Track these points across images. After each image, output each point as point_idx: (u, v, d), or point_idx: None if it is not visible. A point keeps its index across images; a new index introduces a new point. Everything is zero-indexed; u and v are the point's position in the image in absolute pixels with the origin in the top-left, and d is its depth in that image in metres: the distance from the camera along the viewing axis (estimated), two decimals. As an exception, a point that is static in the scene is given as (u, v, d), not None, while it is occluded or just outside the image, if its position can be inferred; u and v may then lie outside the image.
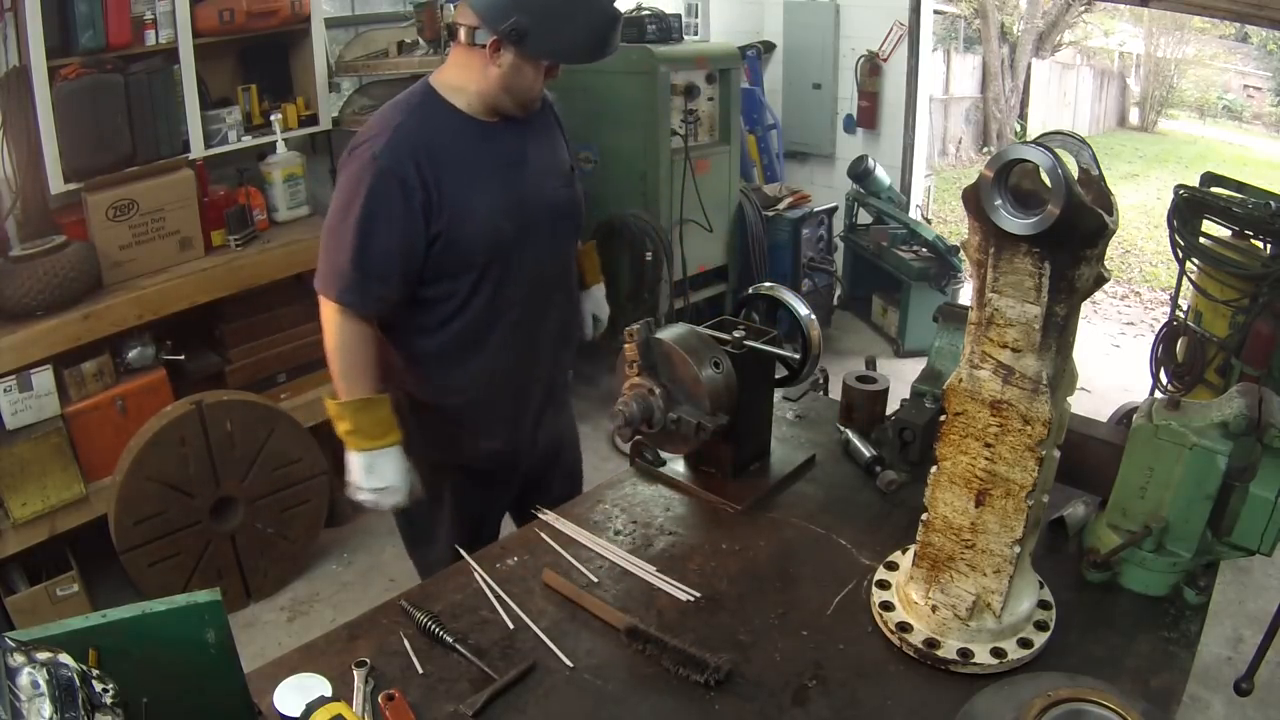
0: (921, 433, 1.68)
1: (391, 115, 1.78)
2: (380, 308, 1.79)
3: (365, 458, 1.82)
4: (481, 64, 1.73)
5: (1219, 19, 11.42)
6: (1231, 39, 17.33)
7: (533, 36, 1.67)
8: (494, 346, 1.88)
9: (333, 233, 1.75)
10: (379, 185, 1.69)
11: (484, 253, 1.79)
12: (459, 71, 1.79)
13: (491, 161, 1.81)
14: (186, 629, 0.96)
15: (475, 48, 1.72)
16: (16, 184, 2.90)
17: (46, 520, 2.84)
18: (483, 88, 1.76)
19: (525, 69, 1.73)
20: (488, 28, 1.68)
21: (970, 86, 13.60)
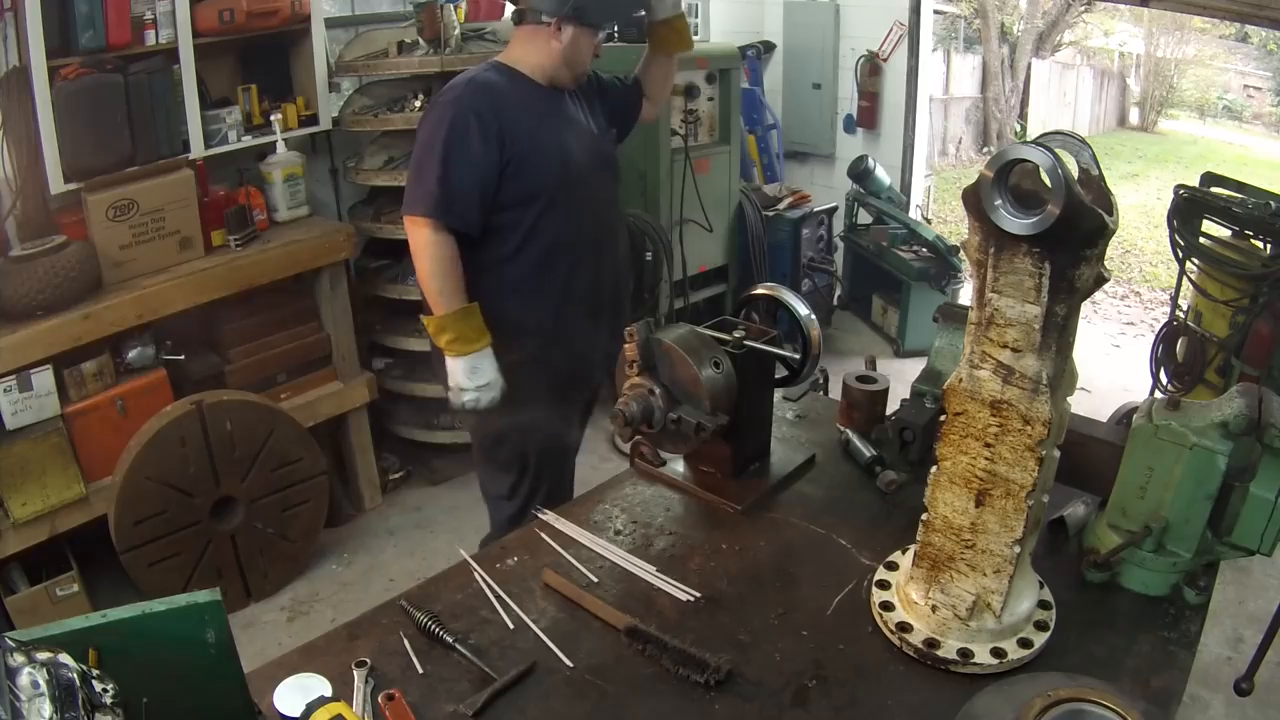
0: (921, 433, 1.68)
1: (466, 75, 2.14)
2: (464, 224, 2.06)
3: (468, 360, 2.07)
4: (545, 41, 2.10)
5: (1219, 19, 11.42)
6: (1231, 39, 17.32)
7: (589, 9, 2.08)
8: (564, 271, 2.20)
9: (420, 164, 2.05)
10: (459, 119, 2.02)
11: (546, 183, 2.12)
12: (524, 48, 2.15)
13: (549, 111, 2.17)
14: (186, 629, 0.96)
15: (541, 27, 2.09)
16: (16, 184, 2.90)
17: (46, 520, 2.84)
18: (545, 62, 2.13)
19: (582, 42, 2.12)
20: (549, 10, 2.06)
21: (970, 86, 13.60)
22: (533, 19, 2.10)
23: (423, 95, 3.66)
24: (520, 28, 2.16)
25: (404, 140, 3.76)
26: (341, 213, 4.00)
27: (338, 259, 3.48)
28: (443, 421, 3.98)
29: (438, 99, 2.10)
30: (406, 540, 3.61)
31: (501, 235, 2.13)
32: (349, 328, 3.60)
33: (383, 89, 3.78)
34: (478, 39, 3.73)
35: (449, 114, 2.03)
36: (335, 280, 3.51)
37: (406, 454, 4.08)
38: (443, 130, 2.02)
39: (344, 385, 3.60)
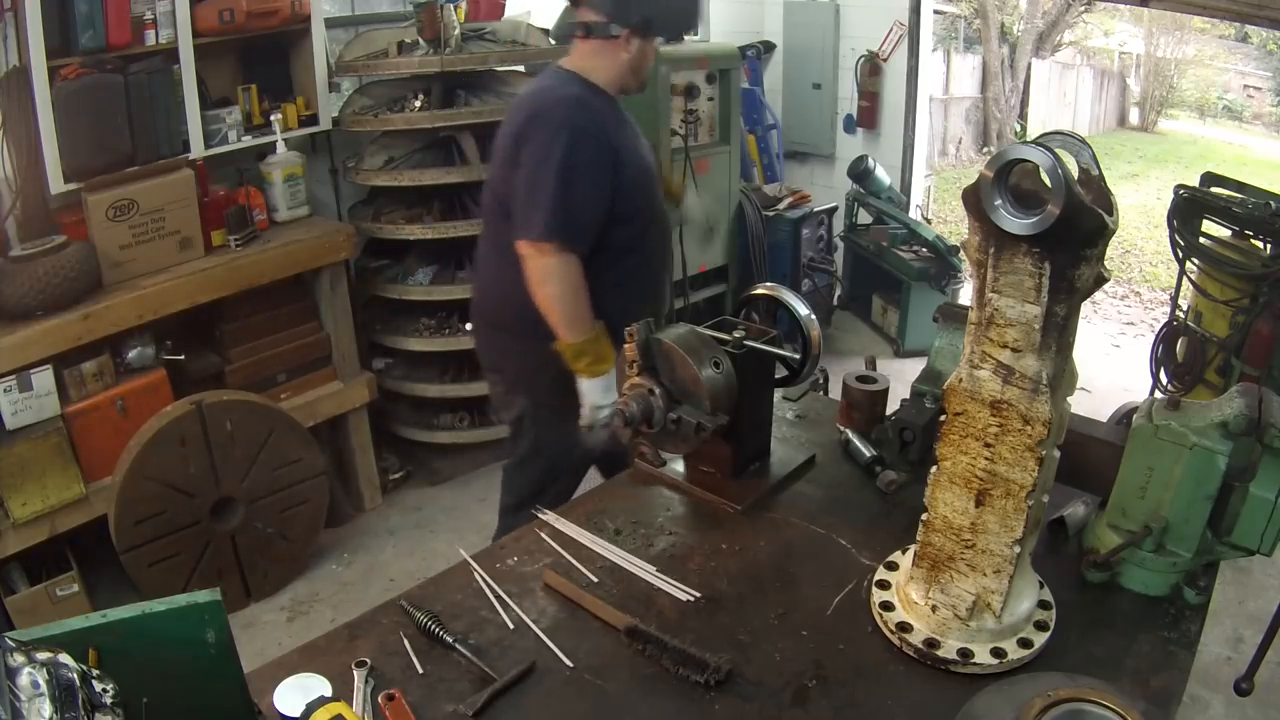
0: (921, 433, 1.68)
1: (556, 91, 2.19)
2: (584, 246, 2.11)
3: (603, 380, 2.13)
4: (615, 53, 2.18)
5: (1219, 19, 11.42)
6: (1231, 39, 17.32)
7: (656, 22, 2.19)
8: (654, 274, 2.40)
9: (537, 185, 2.06)
10: (575, 139, 2.07)
11: (642, 200, 2.24)
12: (591, 59, 2.21)
13: (625, 122, 2.27)
14: (186, 629, 0.95)
15: (608, 40, 2.17)
16: (16, 184, 2.90)
17: (46, 520, 2.84)
18: (615, 72, 2.21)
19: (648, 51, 2.23)
20: (619, 23, 2.15)
21: (970, 86, 13.59)
22: (601, 32, 2.17)
23: (423, 95, 3.66)
24: (586, 41, 2.21)
25: (404, 140, 3.76)
26: (341, 213, 4.00)
27: (338, 259, 3.48)
28: (443, 421, 3.98)
29: (542, 116, 2.11)
30: (406, 540, 3.61)
31: (610, 251, 2.17)
32: (349, 328, 3.60)
33: (383, 89, 3.78)
34: (478, 39, 3.74)
35: (564, 135, 2.05)
36: (335, 280, 3.51)
37: (406, 454, 4.08)
38: (559, 150, 2.04)
39: (344, 385, 3.61)
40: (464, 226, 3.65)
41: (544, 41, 3.92)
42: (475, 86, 3.80)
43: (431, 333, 3.80)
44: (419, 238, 3.66)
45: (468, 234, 3.67)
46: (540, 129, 2.08)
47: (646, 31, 2.18)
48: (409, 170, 3.62)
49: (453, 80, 3.70)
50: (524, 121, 2.13)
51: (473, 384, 3.87)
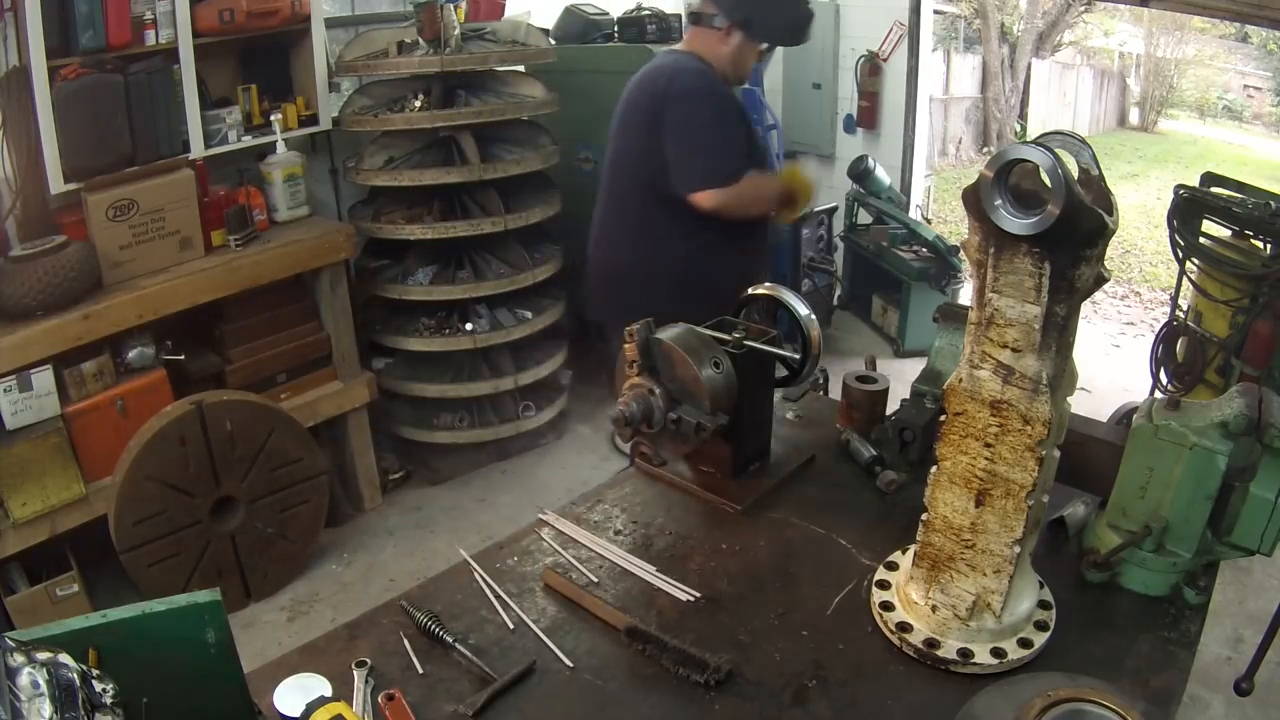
0: (921, 433, 1.67)
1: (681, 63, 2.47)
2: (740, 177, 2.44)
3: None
4: (717, 42, 2.44)
5: (1219, 19, 11.41)
6: (1231, 39, 17.32)
7: (755, 25, 2.40)
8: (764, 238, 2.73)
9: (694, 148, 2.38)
10: (724, 100, 2.42)
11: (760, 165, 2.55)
12: (701, 44, 2.48)
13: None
14: (186, 629, 0.95)
15: (713, 30, 2.43)
16: (16, 184, 2.90)
17: (46, 520, 2.84)
18: (718, 60, 2.44)
19: (747, 50, 2.45)
20: (724, 15, 2.40)
21: (970, 86, 13.59)
22: (706, 22, 2.45)
23: (423, 95, 3.66)
24: (695, 29, 2.50)
25: (404, 140, 3.77)
26: (341, 213, 4.00)
27: (338, 259, 3.48)
28: (443, 421, 3.99)
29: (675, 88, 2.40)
30: (406, 540, 3.61)
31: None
32: (349, 328, 3.60)
33: (383, 89, 3.78)
34: (478, 39, 3.74)
35: (700, 98, 2.38)
36: (335, 280, 3.51)
37: (406, 454, 4.08)
38: (702, 111, 2.38)
39: (344, 385, 3.61)
40: (464, 226, 3.66)
41: (544, 41, 3.92)
42: (475, 86, 3.81)
43: (431, 333, 3.80)
44: (419, 238, 3.66)
45: (467, 234, 3.67)
46: (677, 101, 2.37)
47: (746, 30, 2.41)
48: (409, 170, 3.62)
49: (453, 80, 3.70)
50: (659, 95, 2.41)
51: (473, 384, 3.88)
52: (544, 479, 4.02)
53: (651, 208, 2.50)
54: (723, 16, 2.41)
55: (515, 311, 3.97)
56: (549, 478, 4.03)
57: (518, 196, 3.87)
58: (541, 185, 4.02)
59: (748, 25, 2.40)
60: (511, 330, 3.87)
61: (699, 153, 2.39)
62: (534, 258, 3.94)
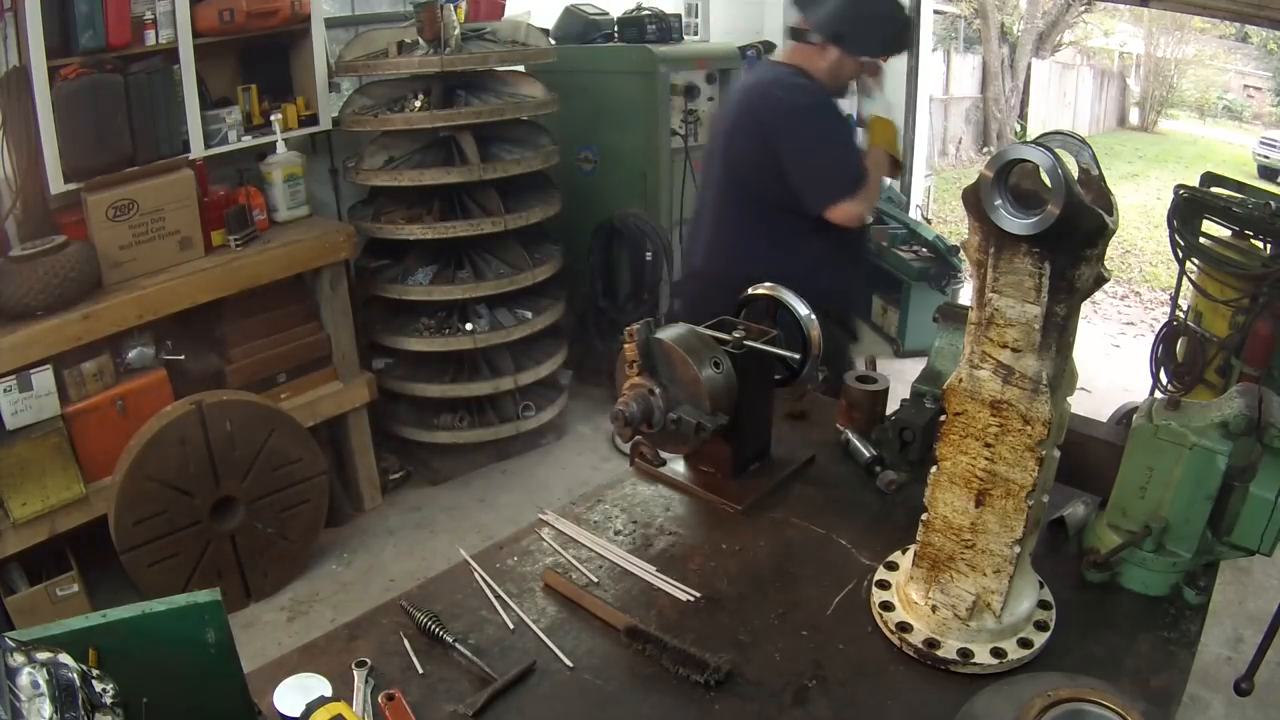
0: (921, 433, 1.67)
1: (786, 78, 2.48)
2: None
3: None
4: (815, 56, 2.45)
5: (1219, 19, 11.41)
6: (1231, 39, 17.33)
7: (850, 39, 2.41)
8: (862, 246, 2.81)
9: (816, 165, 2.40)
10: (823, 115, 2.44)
11: None
12: (800, 59, 2.49)
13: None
14: (186, 629, 0.95)
15: (810, 45, 2.45)
16: (16, 184, 2.90)
17: (46, 520, 2.84)
18: (816, 73, 2.45)
19: (845, 63, 2.46)
20: (818, 31, 2.42)
21: (970, 86, 13.60)
22: (803, 38, 2.48)
23: (423, 95, 3.67)
24: (794, 44, 2.53)
25: (404, 140, 3.77)
26: (341, 213, 4.00)
27: (338, 259, 3.48)
28: (443, 422, 3.99)
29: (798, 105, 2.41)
30: (406, 540, 3.61)
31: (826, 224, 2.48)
32: (349, 328, 3.60)
33: (383, 89, 3.78)
34: (478, 39, 3.74)
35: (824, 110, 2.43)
36: (335, 280, 3.51)
37: (406, 454, 4.08)
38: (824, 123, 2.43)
39: (344, 385, 3.61)
40: (464, 226, 3.66)
41: (544, 41, 3.92)
42: (475, 86, 3.81)
43: (431, 333, 3.80)
44: (419, 238, 3.66)
45: (467, 234, 3.67)
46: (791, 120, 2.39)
47: (840, 45, 2.41)
48: (409, 170, 3.62)
49: (453, 80, 3.70)
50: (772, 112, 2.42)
51: (473, 384, 3.88)
52: (544, 479, 4.03)
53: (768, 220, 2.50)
54: (816, 32, 2.44)
55: (515, 311, 3.97)
56: (549, 478, 4.03)
57: (518, 196, 3.87)
58: (541, 185, 4.02)
59: (842, 40, 2.41)
60: (511, 330, 3.87)
61: (826, 169, 2.41)
62: (534, 258, 3.94)
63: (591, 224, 4.45)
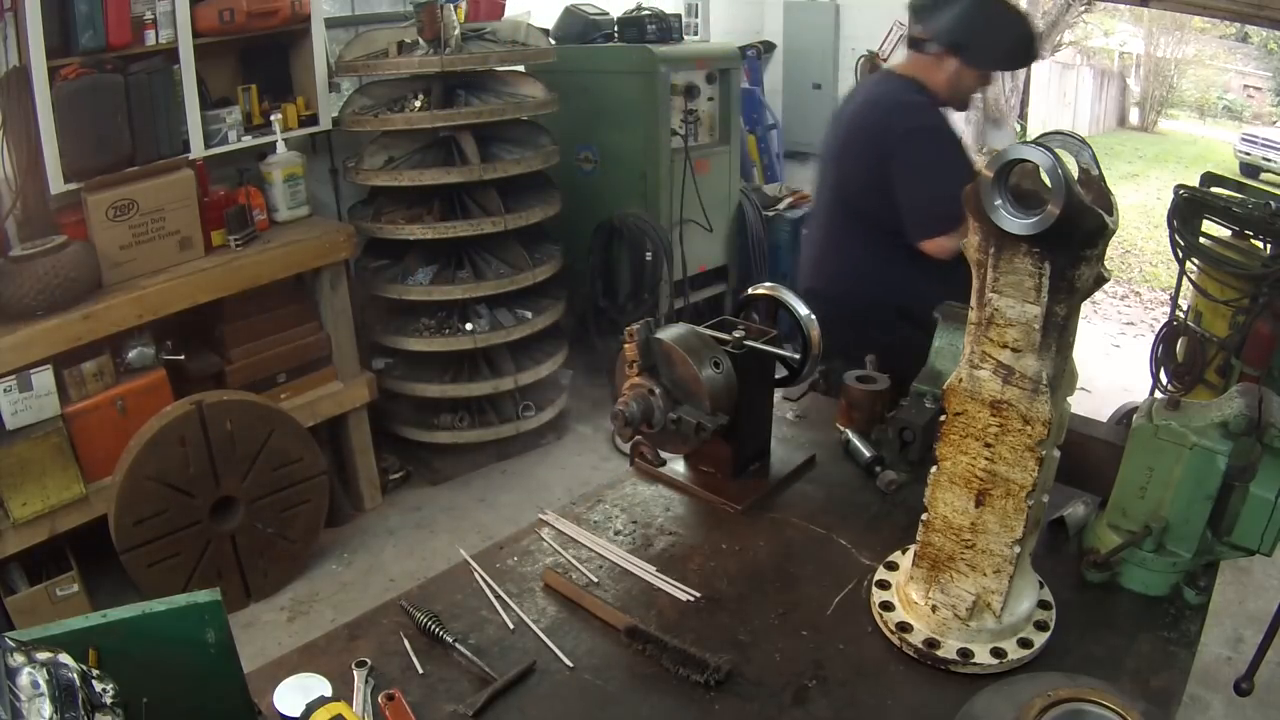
0: (921, 433, 1.67)
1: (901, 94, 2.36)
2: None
3: None
4: (933, 68, 2.33)
5: (1219, 19, 11.41)
6: (1231, 39, 17.33)
7: (970, 51, 2.28)
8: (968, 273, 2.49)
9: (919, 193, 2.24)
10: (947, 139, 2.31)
11: None
12: (918, 70, 2.37)
13: None
14: (186, 629, 0.95)
15: (929, 55, 2.33)
16: (16, 184, 2.90)
17: (46, 520, 2.84)
18: (934, 86, 2.34)
19: (965, 75, 2.33)
20: (937, 42, 2.29)
21: (970, 86, 13.56)
22: (921, 48, 2.36)
23: (423, 95, 3.67)
24: (912, 54, 2.41)
25: (404, 140, 3.77)
26: (341, 213, 4.00)
27: (338, 259, 3.48)
28: (443, 422, 3.99)
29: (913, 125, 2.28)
30: (406, 540, 3.61)
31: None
32: (349, 328, 3.60)
33: (383, 89, 3.78)
34: (478, 39, 3.74)
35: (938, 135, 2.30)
36: (335, 280, 3.51)
37: (406, 454, 4.08)
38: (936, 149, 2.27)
39: (344, 385, 3.61)
40: (464, 226, 3.66)
41: (544, 41, 3.92)
42: (475, 86, 3.81)
43: (431, 333, 3.80)
44: (419, 238, 3.66)
45: (468, 234, 3.67)
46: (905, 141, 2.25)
47: (959, 56, 2.30)
48: (409, 170, 3.62)
49: (453, 80, 3.70)
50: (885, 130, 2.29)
51: (473, 384, 3.88)
52: (544, 479, 4.03)
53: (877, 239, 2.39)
54: (935, 43, 2.32)
55: (515, 311, 3.97)
56: (549, 478, 4.03)
57: (518, 196, 3.87)
58: (541, 185, 4.02)
59: (962, 51, 2.29)
60: (511, 330, 3.87)
61: (932, 200, 2.26)
62: (534, 258, 3.94)
63: (591, 224, 4.45)
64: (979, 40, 2.29)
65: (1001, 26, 2.34)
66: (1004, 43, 2.35)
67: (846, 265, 2.49)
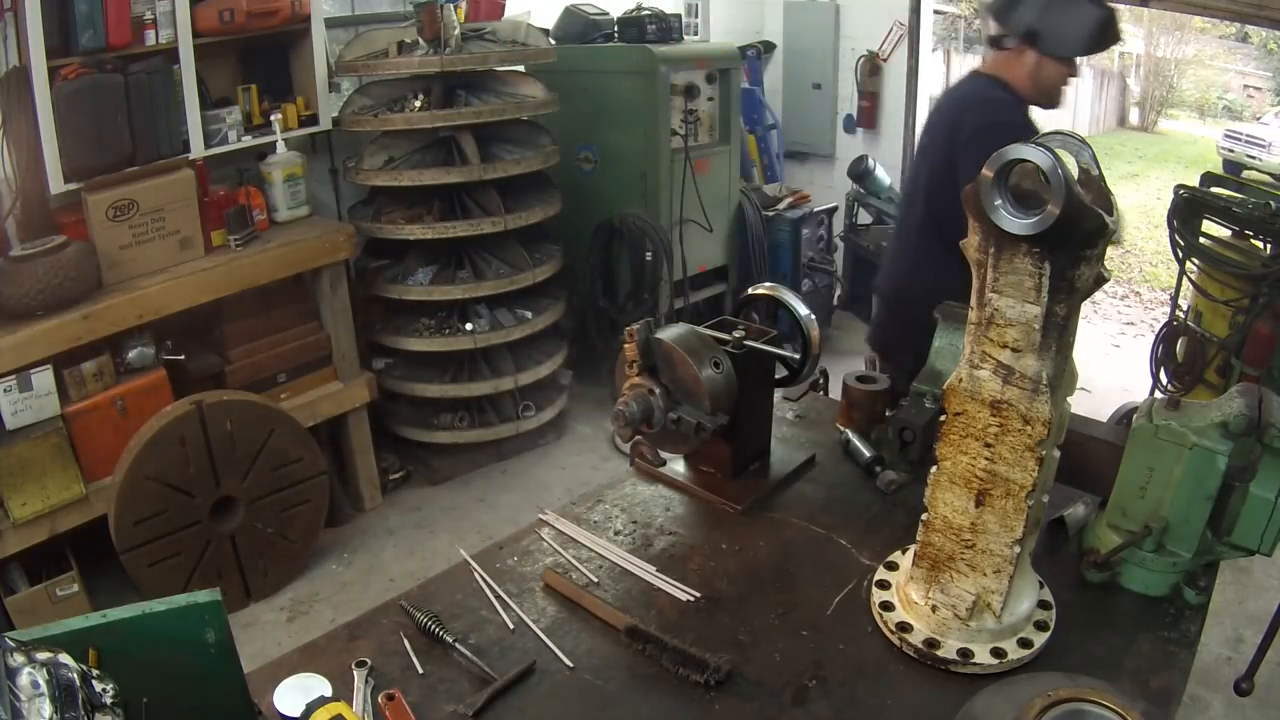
0: (921, 433, 1.67)
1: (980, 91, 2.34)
2: None
3: None
4: (1013, 63, 2.28)
5: (1219, 19, 11.41)
6: (1231, 39, 17.33)
7: (1045, 38, 2.21)
8: None
9: None
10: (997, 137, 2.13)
11: None
12: (1001, 68, 2.32)
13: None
14: (186, 629, 0.95)
15: (1008, 51, 2.28)
16: (16, 184, 2.90)
17: (46, 520, 2.84)
18: (1017, 82, 2.28)
19: (1045, 65, 2.25)
20: (1013, 35, 2.25)
21: (970, 86, 13.55)
22: (1001, 44, 2.31)
23: (423, 95, 3.67)
24: (994, 52, 2.35)
25: (404, 140, 3.76)
26: (341, 213, 4.00)
27: (338, 259, 3.48)
28: (443, 422, 3.99)
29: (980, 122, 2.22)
30: (406, 540, 3.61)
31: None
32: (349, 328, 3.60)
33: (383, 89, 3.78)
34: (478, 39, 3.74)
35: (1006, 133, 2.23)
36: (335, 280, 3.51)
37: (406, 454, 4.08)
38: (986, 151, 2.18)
39: (344, 385, 3.61)
40: (464, 226, 3.66)
41: (544, 41, 3.92)
42: (475, 86, 3.81)
43: (431, 333, 3.80)
44: (419, 238, 3.66)
45: (468, 234, 3.68)
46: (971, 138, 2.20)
47: (1037, 46, 2.23)
48: (409, 170, 3.62)
49: (453, 80, 3.70)
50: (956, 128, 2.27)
51: (473, 384, 3.88)
52: (544, 479, 4.03)
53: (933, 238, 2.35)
54: (1011, 36, 2.27)
55: (515, 311, 3.97)
56: (549, 478, 4.03)
57: (518, 196, 3.87)
58: (541, 185, 4.02)
59: (1037, 40, 2.23)
60: (511, 330, 3.87)
61: None
62: (534, 258, 3.94)
63: (591, 224, 4.45)
64: (1054, 26, 2.21)
65: (1075, 9, 2.24)
66: (1079, 25, 2.24)
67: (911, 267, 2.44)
